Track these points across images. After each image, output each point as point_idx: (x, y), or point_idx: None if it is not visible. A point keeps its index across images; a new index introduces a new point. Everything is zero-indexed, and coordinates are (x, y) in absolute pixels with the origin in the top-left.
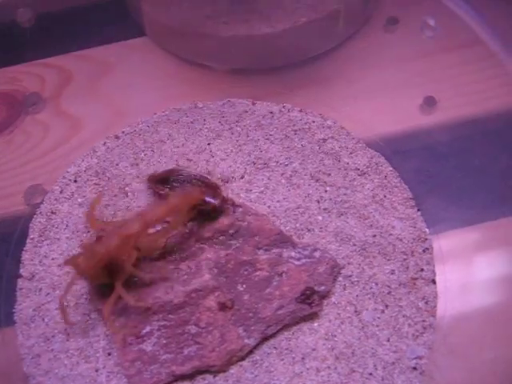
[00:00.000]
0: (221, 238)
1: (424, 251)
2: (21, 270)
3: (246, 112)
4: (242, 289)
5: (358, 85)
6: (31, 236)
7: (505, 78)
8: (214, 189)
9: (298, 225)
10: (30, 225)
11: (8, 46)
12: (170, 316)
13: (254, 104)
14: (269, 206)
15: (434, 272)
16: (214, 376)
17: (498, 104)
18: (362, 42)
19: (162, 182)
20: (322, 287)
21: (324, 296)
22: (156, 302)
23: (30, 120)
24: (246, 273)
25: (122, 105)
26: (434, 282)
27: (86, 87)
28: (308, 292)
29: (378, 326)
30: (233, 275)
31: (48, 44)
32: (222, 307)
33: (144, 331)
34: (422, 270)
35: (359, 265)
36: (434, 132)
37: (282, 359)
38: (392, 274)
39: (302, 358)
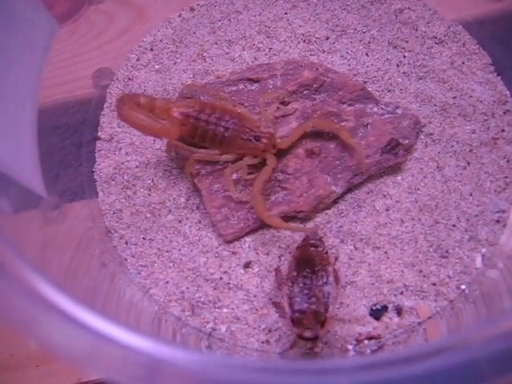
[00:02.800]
0: (305, 92)
1: (505, 113)
2: (99, 133)
3: None
4: (328, 138)
5: None
6: (109, 101)
7: None
8: None
9: (378, 86)
10: (108, 91)
11: None
12: None
13: None
14: (349, 68)
15: None
16: (301, 223)
17: None
18: None
19: None
20: (406, 140)
21: (408, 149)
22: None
23: (93, 10)
24: None
25: None
26: None
27: None
28: (393, 143)
29: (460, 181)
30: None
31: None
32: (310, 154)
33: (231, 178)
34: (503, 130)
35: (440, 124)
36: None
37: (367, 210)
38: (473, 133)
39: (386, 210)
